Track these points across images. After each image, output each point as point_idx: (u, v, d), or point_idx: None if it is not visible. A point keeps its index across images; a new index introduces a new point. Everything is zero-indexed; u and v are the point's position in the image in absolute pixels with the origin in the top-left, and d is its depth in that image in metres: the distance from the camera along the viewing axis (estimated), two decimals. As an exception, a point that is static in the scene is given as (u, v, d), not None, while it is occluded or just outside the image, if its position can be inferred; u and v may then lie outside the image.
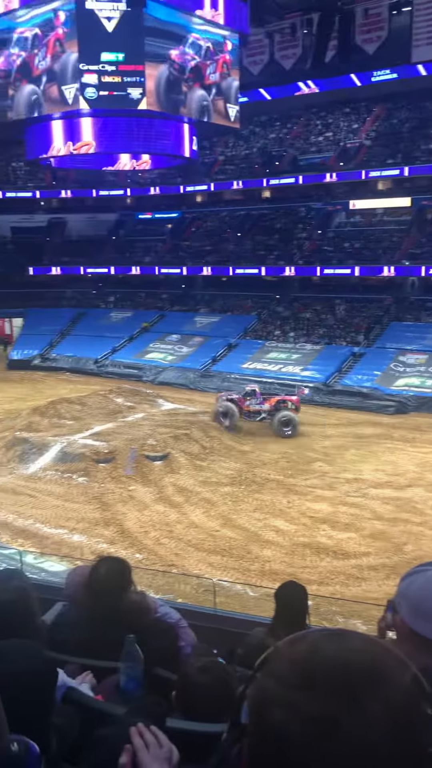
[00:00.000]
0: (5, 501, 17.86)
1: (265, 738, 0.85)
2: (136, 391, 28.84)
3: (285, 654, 0.90)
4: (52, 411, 24.16)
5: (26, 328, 40.96)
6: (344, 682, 0.82)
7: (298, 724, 0.81)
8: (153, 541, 15.44)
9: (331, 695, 0.81)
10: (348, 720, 0.79)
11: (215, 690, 2.11)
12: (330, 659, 0.86)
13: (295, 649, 0.90)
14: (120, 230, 46.15)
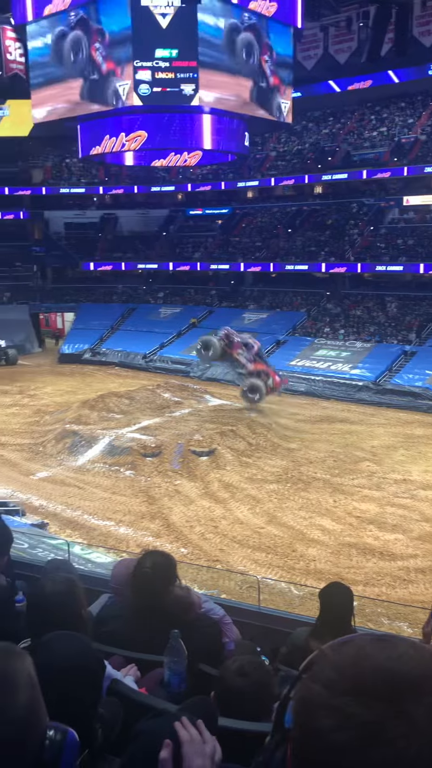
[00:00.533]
0: (54, 492, 18.21)
1: (310, 742, 0.85)
2: (183, 386, 28.99)
3: (331, 658, 0.90)
4: (101, 404, 24.49)
5: (77, 322, 41.62)
6: (390, 689, 0.83)
7: (345, 730, 0.81)
8: (198, 536, 15.51)
9: (378, 702, 0.82)
10: (394, 727, 0.80)
11: (253, 693, 2.10)
12: (376, 666, 0.86)
13: (342, 654, 0.90)
14: (170, 226, 46.41)
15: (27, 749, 1.15)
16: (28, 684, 1.16)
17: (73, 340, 39.95)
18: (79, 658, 1.68)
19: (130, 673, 2.40)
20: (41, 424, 24.48)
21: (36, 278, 44.31)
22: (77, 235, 46.35)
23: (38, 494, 18.11)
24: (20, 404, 27.98)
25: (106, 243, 45.66)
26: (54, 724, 1.24)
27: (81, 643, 1.75)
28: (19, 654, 1.20)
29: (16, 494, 18.01)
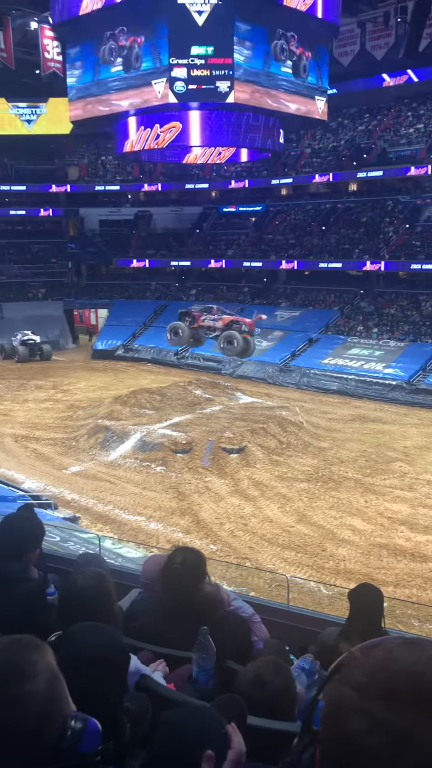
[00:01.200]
0: (86, 486, 18.41)
1: (339, 746, 0.85)
2: (214, 383, 29.03)
3: (361, 661, 0.90)
4: (133, 400, 24.67)
5: (111, 319, 41.96)
6: (420, 693, 0.82)
7: (374, 734, 0.81)
8: (228, 533, 15.53)
9: (407, 706, 0.81)
10: (423, 732, 0.80)
11: (272, 703, 2.07)
12: (406, 669, 0.85)
13: (372, 657, 0.89)
14: (204, 223, 46.47)
15: (45, 737, 1.17)
16: (46, 674, 1.18)
17: (107, 336, 40.29)
18: (103, 649, 1.69)
19: (159, 668, 2.42)
20: (74, 419, 24.77)
21: (71, 275, 44.80)
22: (112, 232, 46.73)
23: (70, 488, 18.32)
24: (54, 399, 28.33)
25: (139, 240, 45.93)
26: (76, 713, 1.26)
27: (106, 634, 1.77)
28: (37, 645, 1.22)
29: (48, 488, 18.26)
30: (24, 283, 43.26)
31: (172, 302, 42.45)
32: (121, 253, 44.26)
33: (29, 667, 1.18)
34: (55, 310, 42.38)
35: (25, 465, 20.26)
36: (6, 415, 25.75)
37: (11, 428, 23.79)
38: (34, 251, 45.54)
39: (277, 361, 33.58)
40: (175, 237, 45.68)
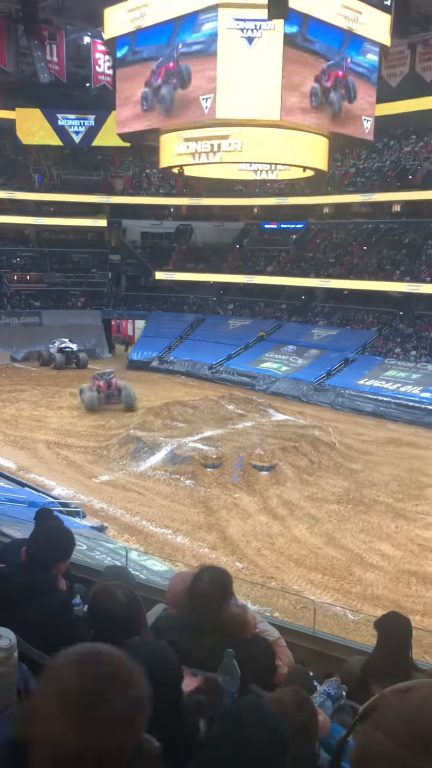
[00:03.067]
0: (115, 496, 18.48)
1: None
2: (247, 399, 28.96)
3: (396, 707, 0.86)
4: (165, 412, 24.74)
5: (147, 330, 42.28)
6: None
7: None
8: (254, 552, 15.40)
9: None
10: None
11: (292, 738, 1.98)
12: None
13: (406, 703, 0.86)
14: (244, 239, 46.66)
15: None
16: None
17: (142, 347, 40.59)
18: (162, 668, 1.64)
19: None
20: (106, 428, 24.94)
21: (110, 285, 45.35)
22: (152, 244, 47.24)
23: (99, 497, 18.41)
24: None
25: (180, 253, 46.31)
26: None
27: (162, 650, 1.72)
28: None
29: (77, 496, 18.37)
30: (64, 291, 43.94)
31: (208, 316, 42.67)
32: (160, 265, 44.66)
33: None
34: (93, 320, 42.90)
35: (55, 471, 20.44)
36: (40, 421, 26.06)
37: (44, 434, 24.06)
38: (76, 260, 46.28)
39: (311, 379, 33.39)
40: (215, 251, 45.95)
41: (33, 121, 41.75)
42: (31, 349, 39.53)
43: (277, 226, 45.83)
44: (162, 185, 46.33)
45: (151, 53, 22.28)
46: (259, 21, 18.78)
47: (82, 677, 1.03)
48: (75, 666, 1.05)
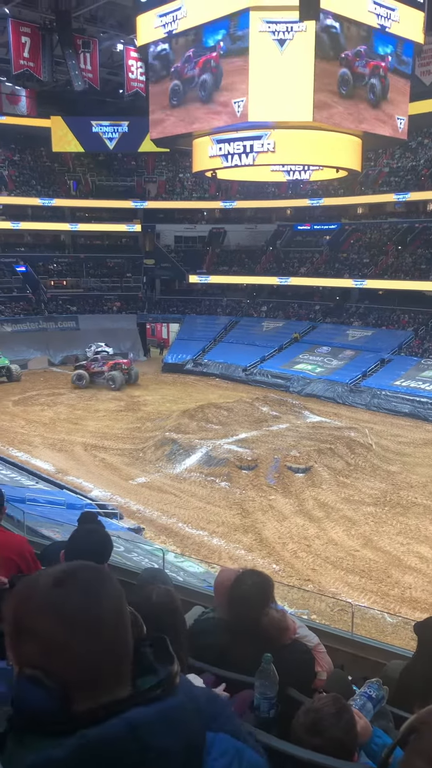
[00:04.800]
0: (152, 498, 18.60)
1: None
2: (282, 401, 28.86)
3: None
4: (200, 414, 24.81)
5: (182, 333, 42.46)
6: None
7: None
8: (290, 554, 15.35)
9: None
10: None
11: (330, 752, 1.95)
12: None
13: None
14: (277, 241, 46.54)
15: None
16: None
17: (177, 350, 40.77)
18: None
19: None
20: (142, 430, 25.12)
21: (145, 289, 45.69)
22: (186, 248, 47.43)
23: (136, 499, 18.56)
24: (124, 410, 28.84)
25: (213, 256, 46.41)
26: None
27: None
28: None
29: (115, 497, 18.55)
30: (100, 296, 44.41)
31: (242, 318, 42.64)
32: (194, 268, 44.82)
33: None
34: (129, 323, 43.27)
35: (93, 474, 20.67)
36: (77, 423, 26.38)
37: (82, 437, 24.35)
38: (111, 265, 46.74)
39: (347, 380, 33.12)
40: (248, 254, 45.93)
41: (66, 129, 42.32)
42: (69, 354, 40.08)
43: (311, 228, 45.59)
44: (195, 189, 46.51)
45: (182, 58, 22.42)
46: (291, 23, 18.73)
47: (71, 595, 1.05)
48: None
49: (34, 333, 39.90)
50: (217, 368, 38.05)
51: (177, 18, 21.47)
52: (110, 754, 0.95)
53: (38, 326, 40.71)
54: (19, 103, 36.63)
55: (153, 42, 23.20)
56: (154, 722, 1.01)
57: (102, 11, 26.88)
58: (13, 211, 43.36)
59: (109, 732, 0.97)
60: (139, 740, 0.98)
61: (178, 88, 22.81)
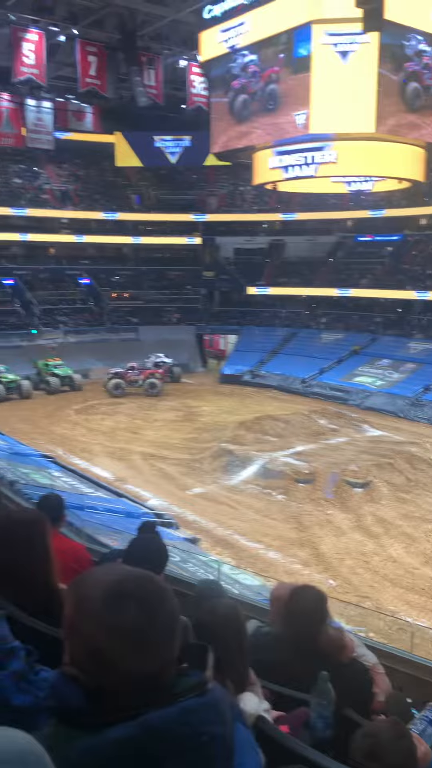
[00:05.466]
0: (208, 509, 18.62)
1: None
2: (340, 414, 28.52)
3: None
4: (257, 426, 24.75)
5: (240, 344, 42.53)
6: None
7: None
8: (348, 570, 15.08)
9: None
10: None
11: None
12: None
13: None
14: (338, 252, 46.17)
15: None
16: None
17: (235, 361, 40.84)
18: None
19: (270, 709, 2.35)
20: (199, 441, 25.22)
21: (204, 301, 46.02)
22: (245, 260, 47.57)
23: (192, 509, 18.61)
24: (181, 420, 29.04)
25: (272, 268, 46.37)
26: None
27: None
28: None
29: (171, 507, 18.65)
30: (160, 307, 44.97)
31: (301, 330, 42.39)
32: (253, 280, 44.88)
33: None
34: (187, 335, 43.65)
35: (150, 483, 20.86)
36: (136, 433, 26.71)
37: (140, 446, 24.64)
38: (171, 278, 47.31)
39: (409, 394, 32.43)
40: (308, 265, 45.70)
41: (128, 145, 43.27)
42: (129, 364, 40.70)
43: (372, 239, 45.03)
44: (255, 201, 46.70)
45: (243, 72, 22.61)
46: (354, 35, 18.65)
47: (129, 609, 1.10)
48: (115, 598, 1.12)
49: (96, 344, 40.68)
50: (274, 380, 37.90)
51: (240, 33, 21.71)
52: (167, 737, 1.06)
53: (100, 337, 41.50)
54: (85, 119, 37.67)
55: (215, 57, 23.51)
56: (204, 711, 1.13)
57: (166, 29, 27.40)
58: (77, 225, 44.49)
59: (166, 717, 1.07)
60: (192, 725, 1.09)
61: (239, 102, 23.02)
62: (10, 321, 39.52)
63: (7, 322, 39.28)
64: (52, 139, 35.74)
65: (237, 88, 22.93)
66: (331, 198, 41.38)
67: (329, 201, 42.40)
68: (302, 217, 44.79)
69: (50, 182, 45.80)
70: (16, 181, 44.50)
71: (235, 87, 23.02)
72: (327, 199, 41.49)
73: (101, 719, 1.08)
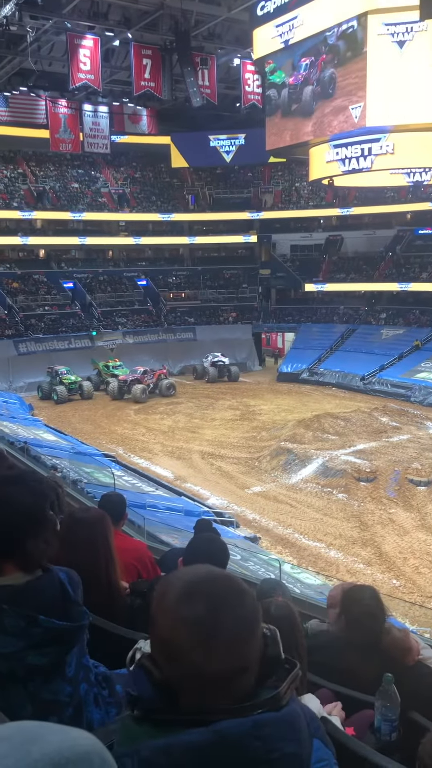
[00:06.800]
0: (267, 508, 18.57)
1: None
2: (402, 411, 27.95)
3: None
4: (316, 424, 24.52)
5: (297, 342, 42.23)
6: None
7: None
8: (412, 569, 14.78)
9: None
10: None
11: None
12: None
13: None
14: (397, 246, 45.26)
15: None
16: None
17: (292, 359, 40.58)
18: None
19: (334, 712, 2.32)
20: (258, 439, 25.17)
21: (260, 299, 45.92)
22: (302, 257, 47.22)
23: (252, 508, 18.59)
24: (239, 419, 29.05)
25: (330, 264, 45.88)
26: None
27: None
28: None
29: (231, 506, 18.69)
30: (216, 307, 45.12)
31: (359, 326, 41.76)
32: (310, 277, 44.50)
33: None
34: (244, 333, 43.64)
35: (210, 481, 20.95)
36: (195, 432, 26.88)
37: (199, 445, 24.78)
38: (227, 277, 47.39)
39: (472, 390, 31.52)
40: (366, 260, 45.01)
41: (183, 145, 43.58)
42: (186, 364, 41.03)
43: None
44: (311, 198, 46.27)
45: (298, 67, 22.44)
46: (411, 23, 18.26)
47: (199, 605, 1.11)
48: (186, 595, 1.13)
49: (154, 344, 41.16)
50: (333, 377, 37.46)
51: (294, 27, 21.55)
52: (238, 748, 1.06)
53: (158, 338, 41.97)
54: (140, 122, 38.12)
55: (270, 54, 23.40)
56: (277, 726, 1.11)
57: (219, 28, 27.46)
58: (134, 227, 45.11)
59: (238, 727, 1.07)
60: (264, 740, 1.08)
61: (294, 97, 22.86)
62: (70, 323, 40.40)
63: (67, 325, 40.17)
64: (109, 142, 36.34)
65: (291, 84, 22.78)
66: (389, 191, 40.63)
67: (387, 194, 41.62)
68: (359, 212, 44.14)
69: (107, 185, 46.57)
70: (75, 185, 45.43)
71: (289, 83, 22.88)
72: (385, 192, 40.75)
73: (171, 716, 1.09)
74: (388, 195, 41.79)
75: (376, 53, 19.51)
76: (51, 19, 24.43)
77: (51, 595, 1.70)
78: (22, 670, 1.62)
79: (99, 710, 1.79)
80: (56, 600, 1.70)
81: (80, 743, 0.84)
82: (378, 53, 19.47)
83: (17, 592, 1.65)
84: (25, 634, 1.60)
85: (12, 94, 34.55)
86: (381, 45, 19.34)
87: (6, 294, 39.99)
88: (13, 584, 1.67)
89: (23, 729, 0.84)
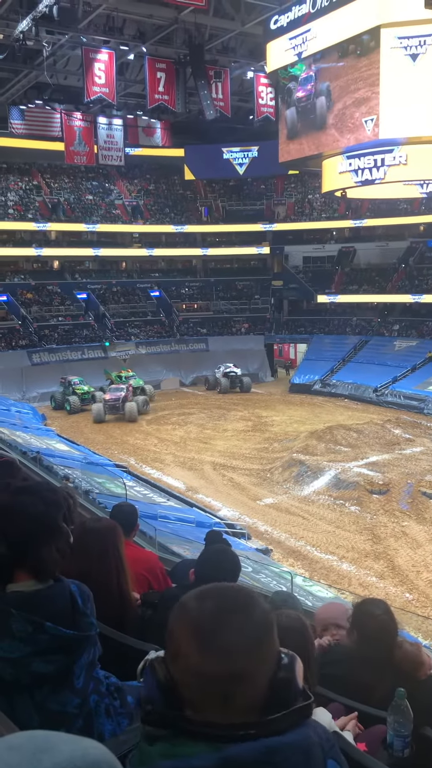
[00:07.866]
0: (279, 519, 18.49)
1: None
2: (415, 423, 27.80)
3: None
4: (328, 436, 24.44)
5: (309, 353, 42.19)
6: None
7: None
8: (425, 583, 14.63)
9: None
10: None
11: None
12: None
13: None
14: (410, 258, 45.19)
15: None
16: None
17: (304, 370, 40.52)
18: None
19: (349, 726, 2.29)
20: (270, 451, 25.11)
21: (273, 310, 45.97)
22: (314, 268, 47.27)
23: (263, 520, 18.52)
24: (251, 430, 29.01)
25: (342, 276, 45.88)
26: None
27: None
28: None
29: (242, 517, 18.63)
30: (229, 318, 45.23)
31: (372, 337, 41.65)
32: (323, 288, 44.51)
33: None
34: (256, 344, 43.69)
35: (221, 493, 20.91)
36: (206, 443, 26.86)
37: (211, 456, 24.76)
38: (240, 288, 47.52)
39: None
40: (378, 272, 44.98)
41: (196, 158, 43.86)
42: (198, 374, 41.11)
43: (446, 243, 43.86)
44: (324, 209, 46.38)
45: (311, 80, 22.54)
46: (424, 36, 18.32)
47: (206, 605, 1.12)
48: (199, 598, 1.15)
49: (167, 355, 41.30)
50: (345, 389, 37.36)
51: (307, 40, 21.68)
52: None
53: (170, 348, 42.10)
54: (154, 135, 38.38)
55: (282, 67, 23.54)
56: (289, 750, 1.07)
57: (233, 41, 27.67)
58: (148, 239, 45.39)
59: (248, 753, 1.04)
60: (275, 766, 1.04)
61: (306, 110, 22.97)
62: (83, 334, 40.63)
63: (80, 335, 40.40)
64: (123, 155, 36.61)
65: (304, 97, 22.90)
66: (402, 203, 40.62)
67: (400, 206, 41.62)
68: (372, 223, 44.16)
69: (121, 197, 46.92)
70: (89, 197, 45.82)
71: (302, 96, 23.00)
72: (398, 204, 40.75)
73: (172, 718, 1.08)
74: (401, 207, 41.78)
75: (389, 66, 19.58)
76: (67, 34, 24.75)
77: (60, 604, 1.71)
78: (27, 678, 1.62)
79: (110, 721, 1.79)
80: (65, 610, 1.71)
81: (91, 753, 0.84)
82: (391, 66, 19.54)
83: (27, 598, 1.66)
84: (32, 639, 1.61)
85: (28, 107, 34.90)
86: (394, 58, 19.41)
87: (20, 304, 40.30)
88: (24, 591, 1.68)
89: (34, 738, 0.84)
